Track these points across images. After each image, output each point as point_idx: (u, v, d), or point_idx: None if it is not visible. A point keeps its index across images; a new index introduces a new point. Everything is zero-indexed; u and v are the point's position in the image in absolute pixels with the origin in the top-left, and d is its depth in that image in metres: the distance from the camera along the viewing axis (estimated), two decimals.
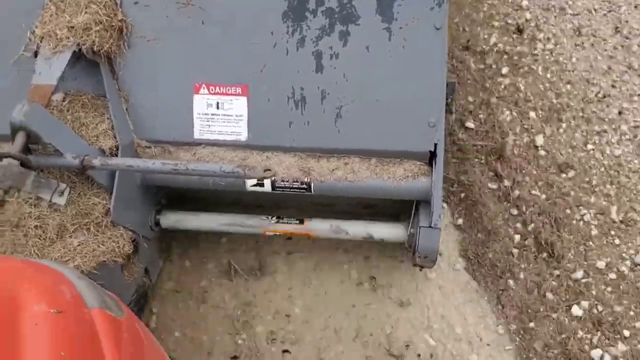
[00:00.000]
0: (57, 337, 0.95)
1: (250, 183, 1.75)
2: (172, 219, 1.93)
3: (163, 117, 1.74)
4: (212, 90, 1.72)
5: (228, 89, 1.72)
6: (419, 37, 1.61)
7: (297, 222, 1.90)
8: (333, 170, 1.73)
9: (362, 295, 2.13)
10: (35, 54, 1.68)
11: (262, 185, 1.75)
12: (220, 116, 1.73)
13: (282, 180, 1.73)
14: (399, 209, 1.92)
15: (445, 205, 2.27)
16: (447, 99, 1.97)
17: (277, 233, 1.92)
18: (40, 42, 1.67)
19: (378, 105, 1.66)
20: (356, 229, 1.89)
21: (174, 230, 2.00)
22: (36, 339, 0.92)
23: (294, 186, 1.74)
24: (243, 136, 1.74)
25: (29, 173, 1.52)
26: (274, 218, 1.92)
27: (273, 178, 1.73)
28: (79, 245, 1.62)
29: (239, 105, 1.72)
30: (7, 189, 1.49)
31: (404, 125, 1.66)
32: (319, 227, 1.90)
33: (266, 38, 1.67)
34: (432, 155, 1.68)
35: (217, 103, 1.72)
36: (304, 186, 1.74)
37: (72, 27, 1.64)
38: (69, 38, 1.64)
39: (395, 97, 1.65)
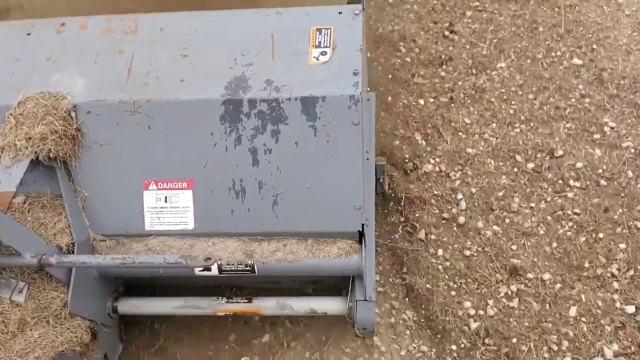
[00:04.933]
0: None
1: (197, 269, 1.90)
2: (129, 305, 2.06)
3: (116, 212, 1.91)
4: (160, 186, 1.90)
5: (175, 184, 1.90)
6: (340, 132, 1.82)
7: (246, 301, 2.05)
8: (274, 252, 1.90)
9: None
10: None
11: (209, 270, 1.91)
12: (169, 209, 1.90)
13: (228, 264, 1.89)
14: (342, 283, 2.08)
15: None
16: (378, 179, 2.19)
17: (228, 313, 2.06)
18: (1, 152, 1.84)
19: (309, 192, 1.85)
20: (300, 304, 2.04)
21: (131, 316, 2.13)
22: None
23: (239, 269, 1.90)
24: (190, 225, 1.90)
25: None
26: (223, 298, 2.06)
27: (219, 263, 1.89)
28: (39, 337, 1.75)
29: (185, 198, 1.90)
30: None
31: (333, 209, 1.85)
32: (266, 305, 2.04)
33: (207, 138, 1.87)
34: (361, 234, 1.86)
35: (165, 197, 1.90)
36: (248, 268, 1.90)
37: (30, 138, 1.82)
38: (27, 148, 1.82)
39: (324, 185, 1.84)
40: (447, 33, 3.19)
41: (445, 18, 3.26)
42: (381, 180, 2.18)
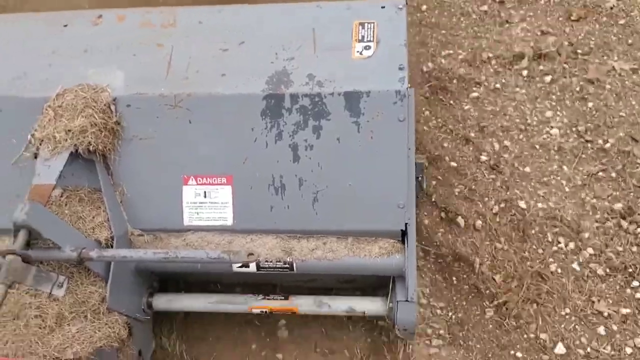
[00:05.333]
0: None
1: (236, 265, 1.87)
2: (164, 301, 2.03)
3: (155, 207, 1.89)
4: (199, 181, 1.87)
5: (214, 179, 1.87)
6: (385, 128, 1.79)
7: (282, 298, 2.02)
8: (313, 249, 1.86)
9: None
10: (35, 156, 1.83)
11: (247, 266, 1.88)
12: (208, 204, 1.88)
13: (266, 261, 1.86)
14: (379, 282, 2.04)
15: None
16: (417, 177, 2.15)
17: (264, 310, 2.03)
18: (40, 144, 1.82)
19: (351, 189, 1.81)
20: (338, 303, 2.00)
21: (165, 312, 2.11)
22: None
23: (277, 266, 1.87)
24: (229, 221, 1.88)
25: (30, 268, 1.64)
26: (260, 295, 2.03)
27: (258, 259, 1.86)
28: (77, 332, 1.73)
29: (224, 194, 1.87)
30: (10, 284, 1.60)
31: (376, 208, 1.81)
32: (303, 302, 2.01)
33: (247, 133, 1.84)
34: (404, 233, 1.82)
35: (205, 192, 1.87)
36: (287, 266, 1.87)
37: (70, 131, 1.80)
38: (66, 140, 1.80)
39: (366, 182, 1.80)
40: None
41: (618, 194, 2.29)
42: (420, 178, 2.14)
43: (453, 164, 2.48)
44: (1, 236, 1.90)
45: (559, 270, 2.21)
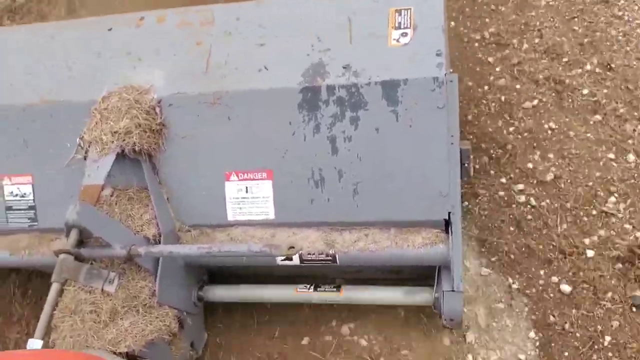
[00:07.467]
0: None
1: (279, 258, 1.89)
2: (214, 293, 2.08)
3: (200, 203, 1.93)
4: (241, 176, 1.90)
5: (255, 175, 1.89)
6: (423, 116, 1.75)
7: (334, 289, 2.03)
8: (355, 241, 1.85)
9: None
10: (85, 158, 1.90)
11: (290, 259, 1.89)
12: (249, 199, 1.90)
13: (309, 254, 1.87)
14: (426, 272, 2.01)
15: None
16: (463, 164, 2.09)
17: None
18: (89, 146, 1.89)
19: (391, 179, 1.79)
20: (386, 293, 2.00)
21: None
22: None
23: (320, 258, 1.87)
24: (270, 215, 1.89)
25: (83, 266, 1.72)
26: (311, 287, 2.04)
27: (300, 252, 1.86)
28: (129, 326, 1.79)
29: (265, 188, 1.89)
30: (63, 282, 1.68)
31: (418, 197, 1.78)
32: (351, 292, 2.01)
33: (285, 127, 1.84)
34: (448, 222, 1.78)
35: (246, 187, 1.90)
36: (329, 258, 1.87)
37: (115, 132, 1.86)
38: (112, 142, 1.86)
39: (407, 172, 1.77)
40: None
41: None
42: (466, 165, 2.08)
43: None
44: (59, 235, 2.00)
45: None
